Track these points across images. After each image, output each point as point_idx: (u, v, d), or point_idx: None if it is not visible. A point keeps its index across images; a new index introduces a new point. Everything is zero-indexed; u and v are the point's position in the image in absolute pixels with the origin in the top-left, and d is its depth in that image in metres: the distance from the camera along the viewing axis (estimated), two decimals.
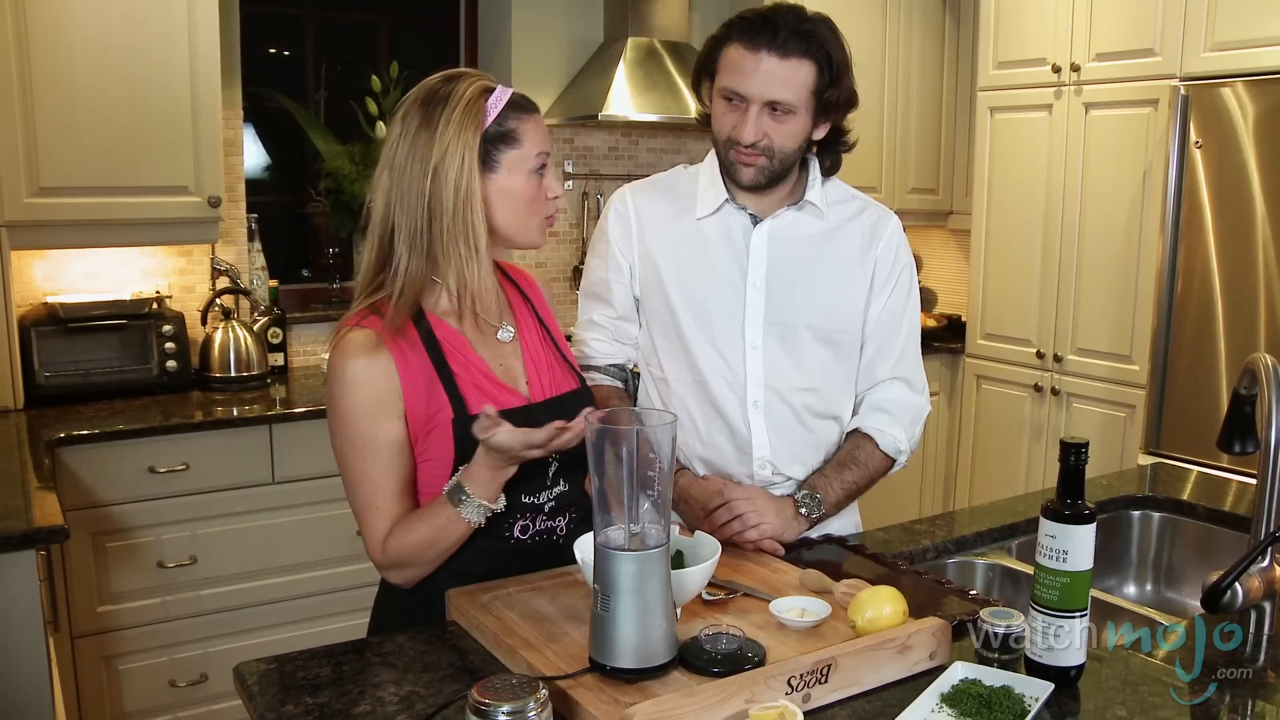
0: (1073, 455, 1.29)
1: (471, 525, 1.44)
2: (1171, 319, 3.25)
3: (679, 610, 1.35)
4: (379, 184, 1.47)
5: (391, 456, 1.45)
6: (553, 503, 1.55)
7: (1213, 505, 2.08)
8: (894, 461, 1.82)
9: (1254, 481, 1.52)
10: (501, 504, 1.45)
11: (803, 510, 1.71)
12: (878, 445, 1.79)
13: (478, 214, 1.44)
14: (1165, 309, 3.25)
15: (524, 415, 1.49)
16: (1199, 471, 2.47)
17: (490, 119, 1.45)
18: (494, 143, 1.46)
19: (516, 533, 1.53)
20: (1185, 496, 2.14)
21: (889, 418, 1.80)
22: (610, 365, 1.86)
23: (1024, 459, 3.84)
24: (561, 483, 1.55)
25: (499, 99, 1.46)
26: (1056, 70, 3.55)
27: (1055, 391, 3.69)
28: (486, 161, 1.46)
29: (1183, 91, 3.14)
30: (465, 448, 1.45)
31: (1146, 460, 3.19)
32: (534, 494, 1.52)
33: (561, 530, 1.57)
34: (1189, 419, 3.20)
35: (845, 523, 1.88)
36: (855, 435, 1.82)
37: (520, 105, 1.49)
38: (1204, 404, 3.15)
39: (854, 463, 1.79)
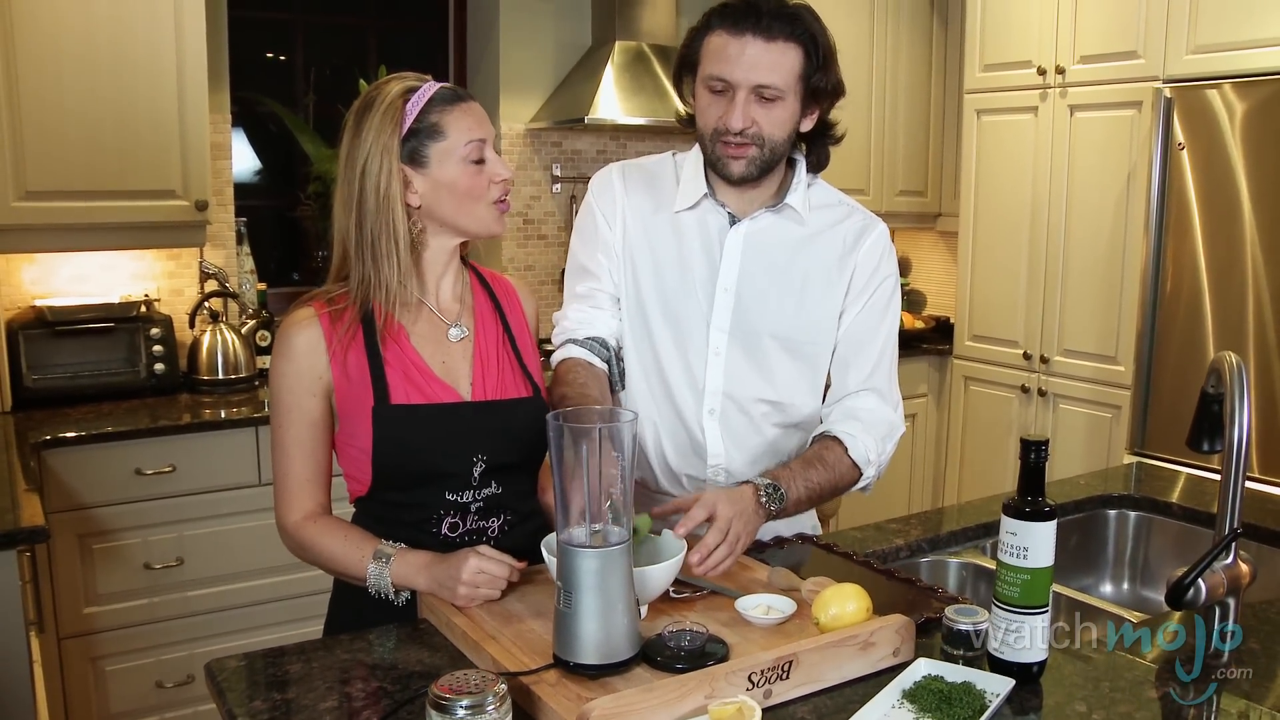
0: (1033, 453, 1.30)
1: (367, 584, 1.49)
2: (1156, 320, 3.26)
3: (644, 608, 1.37)
4: (334, 194, 1.54)
5: (303, 431, 1.52)
6: (480, 503, 1.57)
7: (1192, 504, 2.09)
8: (861, 474, 1.69)
9: None
10: (402, 599, 1.50)
11: (763, 499, 1.55)
12: (847, 450, 1.67)
13: (398, 214, 1.48)
14: (1150, 310, 3.26)
15: (453, 412, 1.53)
16: (1185, 472, 2.47)
17: (410, 118, 1.48)
18: (419, 139, 1.49)
19: (445, 530, 1.55)
20: (1167, 496, 2.15)
21: (861, 425, 1.70)
22: (589, 338, 1.76)
23: (1011, 460, 3.84)
24: (493, 484, 1.57)
25: (421, 96, 1.49)
26: (1042, 73, 3.56)
27: (1042, 392, 3.70)
28: (416, 159, 1.50)
29: (1166, 94, 3.16)
30: (382, 436, 1.50)
31: (1132, 460, 3.20)
32: (457, 492, 1.55)
33: (494, 531, 1.58)
34: (1174, 419, 3.21)
35: (804, 522, 1.86)
36: (824, 438, 1.70)
37: (446, 98, 1.50)
38: (1189, 404, 3.13)
39: (821, 463, 1.66)
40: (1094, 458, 3.50)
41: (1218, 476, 2.34)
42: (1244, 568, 1.47)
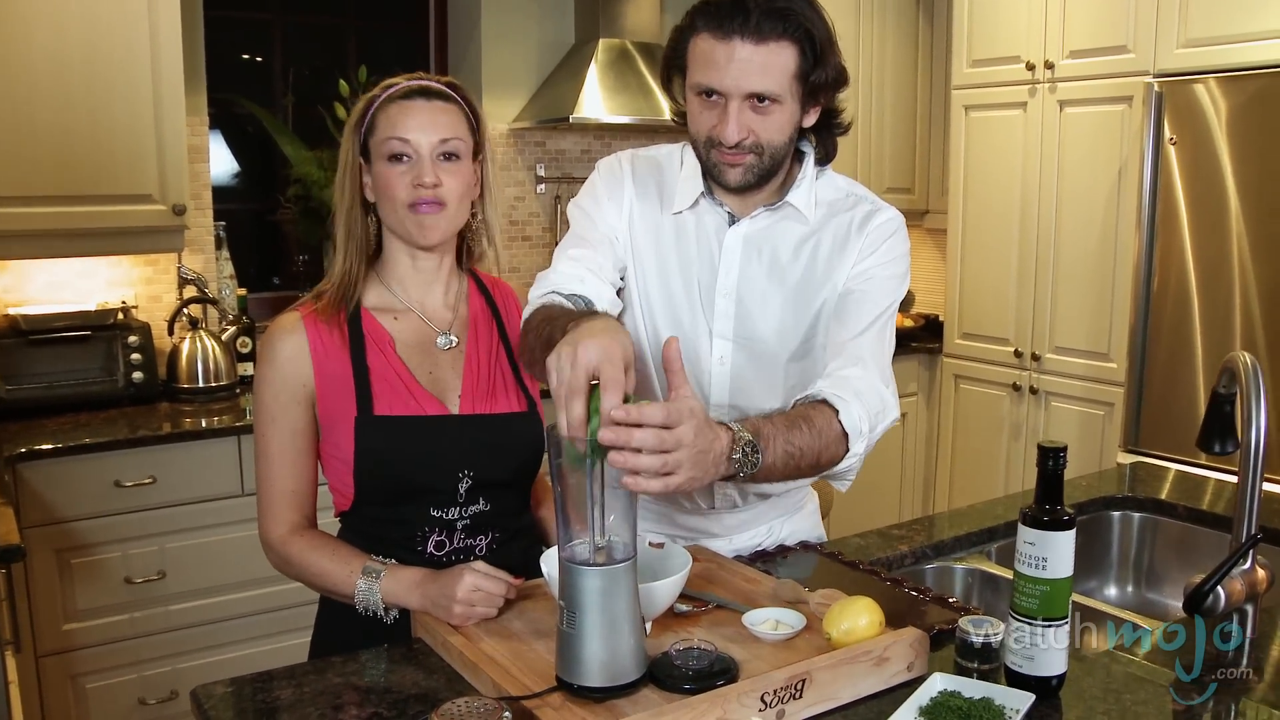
0: (1051, 460, 1.26)
1: (354, 601, 1.45)
2: (1149, 316, 3.23)
3: (649, 625, 1.32)
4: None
5: (286, 440, 1.49)
6: (467, 520, 1.52)
7: (1192, 504, 2.06)
8: (848, 448, 1.42)
9: (1232, 479, 1.50)
10: (391, 617, 1.45)
11: (735, 457, 1.26)
12: (838, 415, 1.40)
13: (349, 203, 1.50)
14: (1142, 306, 3.24)
15: (437, 425, 1.48)
16: (1178, 470, 2.45)
17: (369, 114, 1.49)
18: (367, 134, 1.50)
19: (431, 548, 1.51)
20: (1164, 495, 2.12)
21: (853, 392, 1.44)
22: (574, 294, 1.51)
23: (1003, 459, 3.82)
24: (480, 501, 1.53)
25: (385, 94, 1.49)
26: (1030, 68, 3.54)
27: (1034, 390, 3.67)
28: (364, 153, 1.51)
29: (1156, 88, 3.13)
30: (364, 448, 1.45)
31: (1125, 459, 3.17)
32: (442, 509, 1.50)
33: (481, 549, 1.54)
34: (1167, 416, 3.19)
35: (809, 527, 1.82)
36: (809, 400, 1.44)
37: (397, 95, 1.49)
38: (1182, 401, 3.14)
39: (807, 424, 1.37)
40: (1087, 456, 3.47)
41: (1213, 474, 2.34)
42: (1261, 573, 1.43)
